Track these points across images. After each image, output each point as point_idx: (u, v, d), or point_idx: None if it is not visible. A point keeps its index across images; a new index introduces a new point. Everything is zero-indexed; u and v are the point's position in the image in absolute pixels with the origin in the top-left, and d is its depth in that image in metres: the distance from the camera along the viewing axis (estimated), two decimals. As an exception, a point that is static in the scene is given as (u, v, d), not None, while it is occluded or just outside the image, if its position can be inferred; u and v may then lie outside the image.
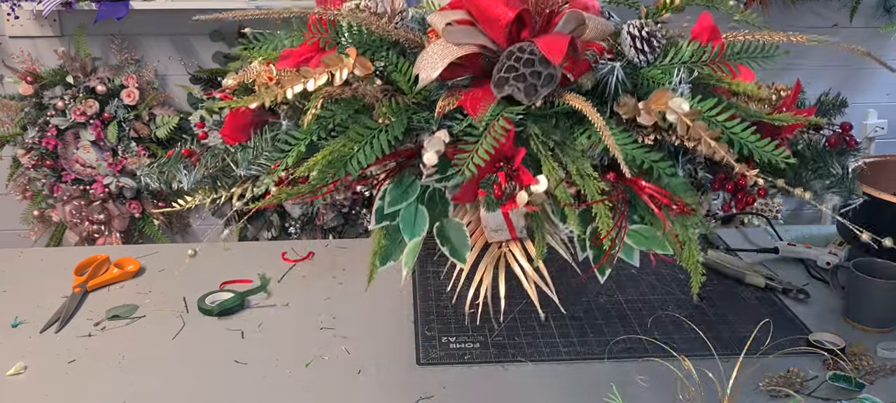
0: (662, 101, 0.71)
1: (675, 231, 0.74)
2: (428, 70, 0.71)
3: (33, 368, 1.04)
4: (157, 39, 2.55)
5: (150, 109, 2.54)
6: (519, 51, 0.71)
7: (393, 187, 0.74)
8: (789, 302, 1.22)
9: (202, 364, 1.06)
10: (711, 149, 0.69)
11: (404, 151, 0.73)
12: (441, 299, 1.22)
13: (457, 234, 0.75)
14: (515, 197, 0.69)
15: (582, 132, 0.74)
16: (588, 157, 0.73)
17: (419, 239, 0.74)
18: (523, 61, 0.71)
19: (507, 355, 1.07)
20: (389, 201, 0.75)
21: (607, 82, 0.76)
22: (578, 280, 0.77)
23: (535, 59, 0.71)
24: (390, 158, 0.74)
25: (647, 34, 0.78)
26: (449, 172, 0.71)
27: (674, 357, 0.99)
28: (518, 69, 0.71)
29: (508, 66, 0.72)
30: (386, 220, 0.75)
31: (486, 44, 0.73)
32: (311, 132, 0.72)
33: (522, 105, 0.73)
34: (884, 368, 1.03)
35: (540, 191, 0.69)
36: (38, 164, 2.50)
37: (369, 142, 0.69)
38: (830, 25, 2.71)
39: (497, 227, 0.72)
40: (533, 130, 0.73)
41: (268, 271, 1.31)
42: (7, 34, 2.49)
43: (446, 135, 0.71)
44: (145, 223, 2.63)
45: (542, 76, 0.71)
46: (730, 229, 1.53)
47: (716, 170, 0.81)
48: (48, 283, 1.26)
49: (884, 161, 1.43)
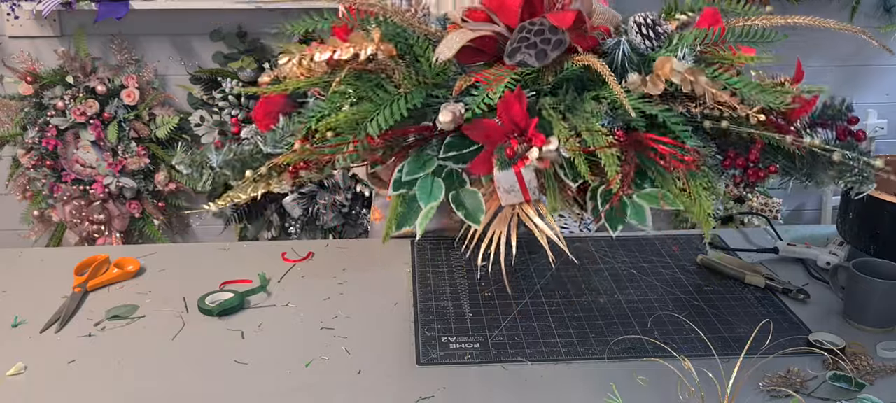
0: (667, 67, 0.75)
1: (684, 180, 0.76)
2: (446, 50, 0.76)
3: (33, 368, 1.04)
4: (157, 39, 2.55)
5: (150, 109, 2.54)
6: (530, 24, 0.77)
7: (411, 160, 0.79)
8: (789, 302, 1.22)
9: (202, 364, 1.06)
10: (715, 98, 0.73)
11: (423, 128, 0.79)
12: (441, 299, 1.22)
13: (471, 200, 0.79)
14: (527, 156, 0.73)
15: (591, 96, 0.77)
16: (596, 117, 0.76)
17: (434, 204, 0.78)
18: (534, 31, 0.77)
19: (507, 355, 1.07)
20: (407, 171, 0.79)
21: (614, 56, 0.79)
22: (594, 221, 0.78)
23: (545, 28, 0.76)
24: (411, 131, 0.79)
25: (652, 22, 0.82)
26: (466, 149, 0.76)
27: (674, 357, 0.99)
28: (529, 38, 0.77)
29: (520, 37, 0.78)
30: (403, 188, 0.79)
31: (501, 30, 0.79)
32: (335, 102, 0.78)
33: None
34: (884, 368, 1.03)
35: (551, 149, 0.72)
36: (39, 164, 2.50)
37: (389, 106, 0.75)
38: (830, 25, 2.71)
39: (510, 187, 0.76)
40: (544, 102, 0.77)
41: (268, 271, 1.31)
42: (7, 34, 2.49)
43: (462, 108, 0.75)
44: (145, 223, 2.63)
45: (552, 41, 0.76)
46: (730, 229, 1.53)
47: (726, 148, 0.82)
48: (48, 283, 1.26)
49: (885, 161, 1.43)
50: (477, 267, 1.01)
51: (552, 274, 1.30)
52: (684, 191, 0.77)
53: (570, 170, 0.75)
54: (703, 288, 1.26)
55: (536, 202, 0.76)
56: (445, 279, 1.29)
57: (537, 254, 1.38)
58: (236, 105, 2.51)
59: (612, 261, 1.36)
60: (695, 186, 0.76)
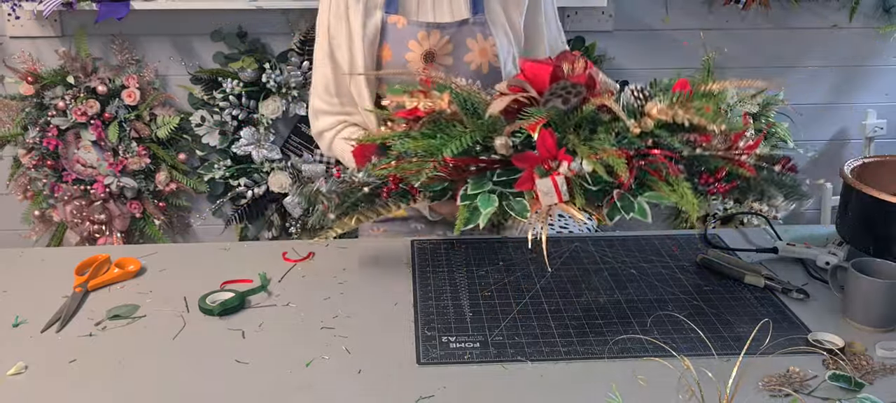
0: (654, 109, 1.11)
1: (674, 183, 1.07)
2: (496, 107, 1.11)
3: (34, 368, 1.04)
4: (158, 39, 2.55)
5: (150, 109, 2.54)
6: (555, 83, 1.13)
7: (474, 182, 1.10)
8: (789, 301, 1.22)
9: (203, 363, 1.06)
10: (683, 117, 1.08)
11: (483, 161, 1.11)
12: (441, 299, 1.22)
13: (519, 204, 1.08)
14: (559, 169, 1.04)
15: (602, 130, 1.09)
16: (607, 142, 1.06)
17: (491, 209, 1.06)
18: (561, 87, 1.11)
19: (507, 355, 1.07)
20: (470, 188, 1.09)
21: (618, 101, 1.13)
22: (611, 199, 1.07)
23: (568, 85, 1.11)
24: (473, 162, 1.11)
25: (641, 88, 1.17)
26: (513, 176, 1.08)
27: (673, 356, 0.99)
28: (558, 92, 1.11)
29: (551, 91, 1.12)
30: (468, 200, 1.08)
31: (533, 95, 1.14)
32: (416, 138, 1.11)
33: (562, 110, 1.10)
34: (883, 367, 1.04)
35: (577, 163, 1.04)
36: (39, 164, 2.50)
37: (459, 138, 1.08)
38: (830, 26, 2.71)
39: (547, 190, 1.03)
40: (569, 138, 1.07)
41: (268, 271, 1.31)
42: (8, 34, 2.49)
43: (510, 141, 1.08)
44: (146, 223, 2.63)
45: (573, 93, 1.10)
46: (729, 229, 1.54)
47: (701, 172, 1.14)
48: (49, 283, 1.27)
49: (883, 161, 1.44)
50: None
51: (552, 274, 1.31)
52: (673, 189, 1.06)
53: (590, 178, 1.05)
54: (702, 287, 1.27)
55: (567, 202, 1.05)
56: (445, 279, 1.29)
57: (537, 254, 1.38)
58: (237, 105, 2.52)
59: (612, 261, 1.36)
60: (679, 186, 1.05)
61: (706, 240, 1.44)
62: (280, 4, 2.46)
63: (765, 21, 2.67)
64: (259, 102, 2.54)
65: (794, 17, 2.67)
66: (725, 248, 1.42)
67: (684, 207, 1.04)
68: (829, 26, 2.71)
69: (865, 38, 2.74)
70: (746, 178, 1.15)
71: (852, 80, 2.80)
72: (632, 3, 2.61)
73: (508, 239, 1.46)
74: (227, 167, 2.58)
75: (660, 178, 1.07)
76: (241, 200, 2.63)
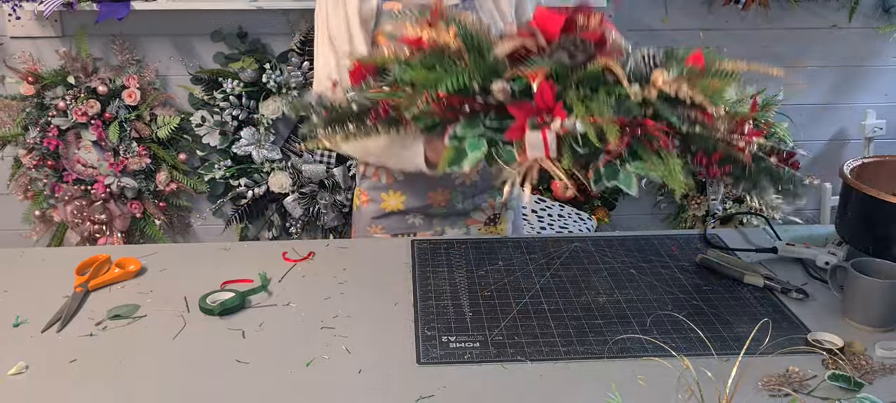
0: (660, 78, 1.04)
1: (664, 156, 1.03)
2: (502, 49, 1.07)
3: (34, 368, 1.05)
4: (158, 40, 2.56)
5: (151, 109, 2.54)
6: (567, 37, 1.08)
7: (465, 123, 1.05)
8: (788, 301, 1.23)
9: (203, 363, 1.06)
10: (686, 94, 1.03)
11: (477, 103, 1.06)
12: (441, 299, 1.23)
13: (508, 153, 1.04)
14: (552, 123, 1.00)
15: (604, 91, 1.04)
16: (606, 105, 1.01)
17: (479, 153, 1.03)
18: (570, 41, 1.06)
19: (507, 355, 1.07)
20: (459, 131, 1.05)
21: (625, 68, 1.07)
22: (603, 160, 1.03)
23: (578, 41, 1.06)
24: (466, 102, 1.05)
25: (653, 55, 1.11)
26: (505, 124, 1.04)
27: (673, 356, 0.99)
28: (565, 46, 1.06)
29: (560, 44, 1.07)
30: (456, 141, 1.05)
31: (542, 43, 1.09)
32: (414, 67, 1.06)
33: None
34: (882, 367, 1.04)
35: (570, 121, 0.99)
36: (40, 165, 2.51)
37: (457, 75, 1.04)
38: (829, 26, 2.71)
39: (536, 143, 1.00)
40: (569, 93, 1.02)
41: (269, 271, 1.31)
42: (8, 35, 2.50)
43: (509, 87, 1.04)
44: (146, 223, 2.63)
45: (581, 50, 1.05)
46: (729, 229, 1.54)
47: (697, 151, 1.08)
48: (49, 283, 1.27)
49: (883, 161, 1.44)
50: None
51: (552, 274, 1.31)
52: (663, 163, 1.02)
53: (581, 141, 1.00)
54: (702, 287, 1.27)
55: (553, 159, 1.01)
56: (445, 279, 1.29)
57: (536, 254, 1.38)
58: (237, 105, 2.52)
59: (611, 261, 1.36)
60: (669, 160, 1.01)
61: (706, 240, 1.45)
62: (280, 5, 2.46)
63: (764, 21, 2.67)
64: (259, 102, 2.54)
65: (794, 17, 2.67)
66: (725, 248, 1.42)
67: (672, 184, 1.02)
68: (829, 26, 2.71)
69: (865, 38, 2.74)
70: (742, 165, 1.11)
71: (852, 80, 2.81)
72: (631, 3, 2.61)
73: (508, 239, 1.46)
74: (228, 167, 2.58)
75: (651, 150, 1.04)
76: (241, 200, 2.64)
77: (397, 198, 1.54)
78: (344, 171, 2.60)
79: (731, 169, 1.09)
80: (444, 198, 1.54)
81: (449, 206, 1.55)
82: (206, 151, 2.60)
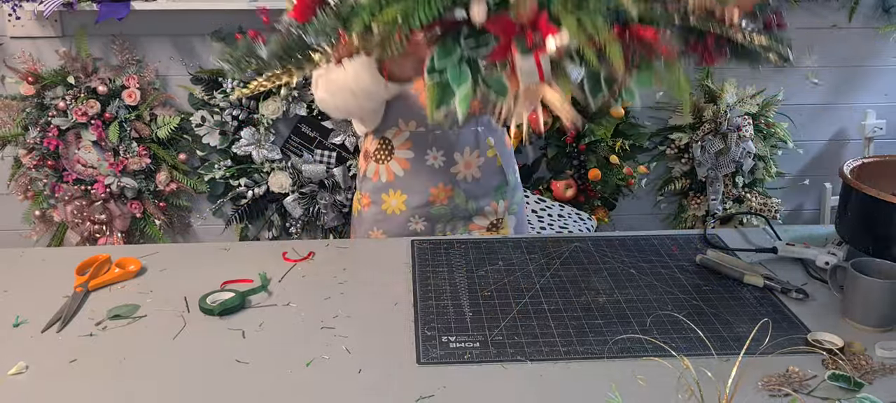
0: None
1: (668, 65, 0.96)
2: None
3: (35, 368, 1.05)
4: (158, 40, 2.56)
5: (151, 109, 2.54)
6: None
7: (438, 50, 0.94)
8: (788, 301, 1.23)
9: (203, 363, 1.06)
10: None
11: (448, 22, 0.94)
12: (441, 299, 1.23)
13: (497, 82, 0.94)
14: (545, 45, 0.89)
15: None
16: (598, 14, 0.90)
17: (466, 87, 0.93)
18: None
19: (507, 355, 1.07)
20: (437, 59, 0.94)
21: None
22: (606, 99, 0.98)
23: None
24: (437, 25, 0.94)
25: None
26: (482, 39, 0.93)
27: (673, 356, 0.99)
28: None
29: None
30: (435, 74, 0.94)
31: None
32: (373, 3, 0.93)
33: None
34: (882, 367, 1.04)
35: (564, 41, 0.89)
36: (40, 165, 2.51)
37: (427, 3, 0.91)
38: (829, 26, 2.71)
39: (529, 70, 0.91)
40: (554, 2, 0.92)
41: (269, 271, 1.31)
42: (8, 35, 2.50)
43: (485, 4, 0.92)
44: (146, 223, 2.63)
45: None
46: (729, 229, 1.54)
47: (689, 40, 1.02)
48: (49, 283, 1.27)
49: (883, 161, 1.44)
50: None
51: (552, 274, 1.31)
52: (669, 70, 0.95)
53: (577, 58, 0.92)
54: (702, 287, 1.27)
55: (548, 83, 0.92)
56: (445, 279, 1.29)
57: (536, 254, 1.38)
58: (237, 105, 2.52)
59: (611, 261, 1.36)
60: (673, 69, 0.95)
61: (706, 240, 1.45)
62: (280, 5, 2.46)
63: (764, 21, 2.67)
64: (259, 103, 2.54)
65: (794, 17, 2.67)
66: (725, 248, 1.42)
67: (677, 95, 0.96)
68: (829, 26, 2.71)
69: (865, 38, 2.74)
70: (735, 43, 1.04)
71: (852, 80, 2.81)
72: None
73: (508, 239, 1.46)
74: (228, 167, 2.58)
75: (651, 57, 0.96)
76: (241, 200, 2.64)
77: (398, 198, 1.54)
78: (344, 171, 2.60)
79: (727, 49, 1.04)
80: (446, 194, 1.53)
81: (451, 204, 1.54)
82: (206, 151, 2.60)
